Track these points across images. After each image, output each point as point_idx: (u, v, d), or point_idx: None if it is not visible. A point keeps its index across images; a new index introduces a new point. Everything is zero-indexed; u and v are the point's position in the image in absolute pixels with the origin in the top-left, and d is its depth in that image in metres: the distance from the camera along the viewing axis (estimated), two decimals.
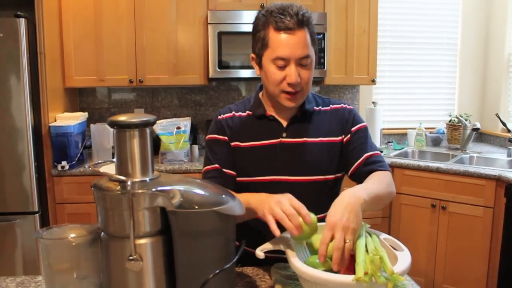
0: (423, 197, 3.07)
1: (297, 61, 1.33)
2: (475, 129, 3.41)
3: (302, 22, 1.32)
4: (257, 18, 1.40)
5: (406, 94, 4.04)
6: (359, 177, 1.44)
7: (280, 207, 1.14)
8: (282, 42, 1.32)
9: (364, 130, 1.49)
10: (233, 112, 1.51)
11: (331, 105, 1.51)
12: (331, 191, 1.49)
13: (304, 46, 1.33)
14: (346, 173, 1.50)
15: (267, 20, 1.35)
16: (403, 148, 3.67)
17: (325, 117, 1.48)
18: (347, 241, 1.07)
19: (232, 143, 1.47)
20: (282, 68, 1.34)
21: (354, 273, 1.00)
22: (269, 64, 1.36)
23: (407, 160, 3.24)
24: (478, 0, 3.96)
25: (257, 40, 1.39)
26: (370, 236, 1.16)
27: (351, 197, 1.16)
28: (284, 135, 1.45)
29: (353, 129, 1.47)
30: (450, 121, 3.72)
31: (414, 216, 3.12)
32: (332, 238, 1.08)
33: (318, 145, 1.45)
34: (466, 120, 3.55)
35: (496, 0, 3.88)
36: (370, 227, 1.24)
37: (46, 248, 1.01)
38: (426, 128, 3.72)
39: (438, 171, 3.00)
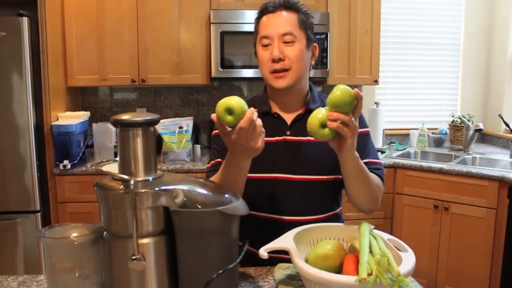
0: (425, 198, 3.06)
1: (279, 37, 1.39)
2: (478, 130, 3.40)
3: (284, 5, 1.41)
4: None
5: (408, 95, 4.03)
6: None
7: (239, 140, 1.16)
8: (265, 22, 1.42)
9: (366, 135, 1.47)
10: None
11: None
12: (335, 191, 1.48)
13: (285, 24, 1.39)
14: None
15: (260, 12, 1.45)
16: (405, 148, 3.66)
17: None
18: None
19: None
20: (266, 47, 1.40)
21: (358, 273, 1.00)
22: (258, 46, 1.44)
23: (409, 160, 3.23)
24: (480, 0, 3.95)
25: (254, 32, 1.48)
26: (375, 237, 1.16)
27: None
28: (288, 133, 1.45)
29: None
30: (452, 121, 3.72)
31: (416, 217, 3.12)
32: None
33: (322, 145, 1.43)
34: (469, 120, 3.54)
35: (499, 1, 3.87)
36: (374, 228, 1.23)
37: (48, 247, 1.01)
38: (428, 129, 3.71)
39: (440, 171, 2.99)
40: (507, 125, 3.48)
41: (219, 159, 1.47)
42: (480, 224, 2.87)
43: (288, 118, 1.47)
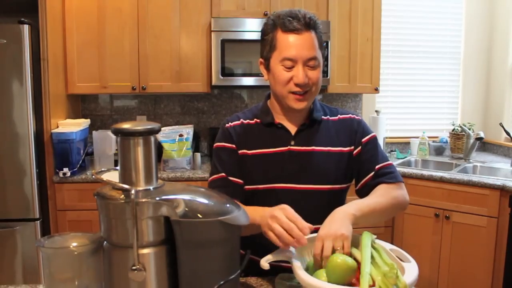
0: (426, 206, 3.05)
1: (304, 62, 1.35)
2: (479, 138, 3.39)
3: (309, 24, 1.36)
4: (265, 23, 1.43)
5: (409, 103, 4.03)
6: (368, 191, 1.43)
7: (277, 222, 1.16)
8: (290, 43, 1.35)
9: (374, 140, 1.50)
10: (241, 120, 1.51)
11: (339, 115, 1.51)
12: (339, 201, 1.48)
13: (311, 48, 1.35)
14: (355, 185, 1.50)
15: (275, 23, 1.38)
16: (406, 157, 3.65)
17: (333, 127, 1.48)
18: (337, 248, 1.11)
19: (240, 151, 1.46)
20: (289, 69, 1.36)
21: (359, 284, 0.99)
22: (277, 65, 1.38)
23: (410, 169, 3.22)
24: (481, 8, 3.97)
25: (265, 43, 1.41)
26: (376, 249, 1.15)
27: (340, 213, 1.23)
28: (293, 143, 1.44)
29: (363, 140, 1.47)
30: (453, 130, 3.71)
31: (417, 226, 3.10)
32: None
33: (326, 154, 1.44)
34: (469, 129, 3.54)
35: (499, 9, 3.88)
36: (375, 238, 1.22)
37: (48, 257, 1.00)
38: (429, 137, 3.71)
39: (441, 180, 2.98)
40: (507, 133, 3.47)
41: (223, 174, 1.45)
42: (481, 233, 2.85)
43: (292, 128, 1.46)
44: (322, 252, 1.12)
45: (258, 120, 1.49)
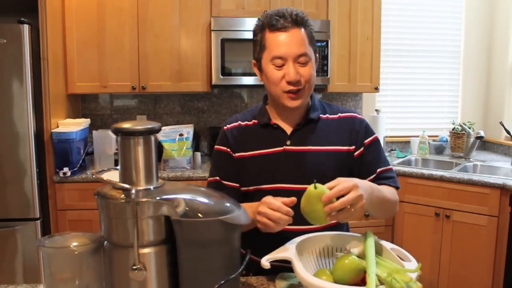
0: (426, 205, 3.05)
1: (294, 59, 1.35)
2: (479, 137, 3.39)
3: (296, 21, 1.36)
4: (255, 24, 1.43)
5: (409, 102, 4.03)
6: None
7: (265, 217, 1.19)
8: (278, 41, 1.35)
9: (377, 142, 1.49)
10: (239, 121, 1.51)
11: (339, 114, 1.50)
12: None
13: (300, 44, 1.35)
14: None
15: (263, 23, 1.39)
16: (406, 156, 3.65)
17: (332, 125, 1.47)
18: (345, 199, 1.13)
19: (236, 154, 1.47)
20: (280, 67, 1.36)
21: (364, 284, 0.99)
22: (268, 65, 1.38)
23: (410, 168, 3.22)
24: (481, 7, 3.96)
25: (256, 44, 1.42)
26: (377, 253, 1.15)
27: (366, 184, 1.24)
28: (288, 143, 1.44)
29: (366, 141, 1.47)
30: (453, 129, 3.71)
31: (417, 225, 3.10)
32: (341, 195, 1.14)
33: (323, 154, 1.43)
34: (469, 128, 3.53)
35: (499, 8, 3.88)
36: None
37: (48, 256, 1.00)
38: (429, 136, 3.71)
39: (441, 179, 2.98)
40: (508, 132, 3.47)
41: (217, 178, 1.49)
42: (482, 232, 2.85)
43: (288, 128, 1.46)
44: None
45: (255, 121, 1.50)
